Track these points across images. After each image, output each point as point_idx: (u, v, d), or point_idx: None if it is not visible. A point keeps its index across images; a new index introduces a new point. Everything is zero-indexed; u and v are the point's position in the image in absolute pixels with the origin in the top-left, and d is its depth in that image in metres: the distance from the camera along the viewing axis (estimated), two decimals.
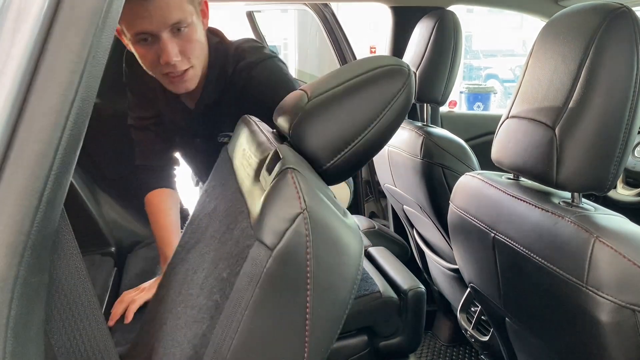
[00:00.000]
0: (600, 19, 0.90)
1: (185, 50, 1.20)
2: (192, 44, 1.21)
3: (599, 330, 0.83)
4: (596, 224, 0.86)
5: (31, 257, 0.46)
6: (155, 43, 1.16)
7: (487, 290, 1.20)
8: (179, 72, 1.21)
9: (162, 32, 1.14)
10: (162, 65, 1.19)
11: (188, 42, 1.19)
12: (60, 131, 0.46)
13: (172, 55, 1.16)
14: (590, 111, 0.88)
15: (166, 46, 1.15)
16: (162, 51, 1.16)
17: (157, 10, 1.12)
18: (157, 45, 1.16)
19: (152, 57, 1.19)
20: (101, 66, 0.50)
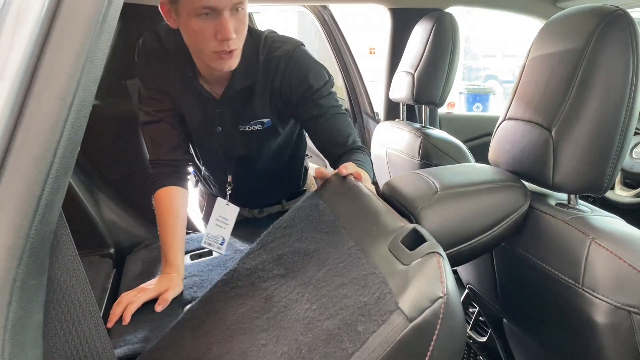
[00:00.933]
0: (597, 21, 0.90)
1: (238, 29, 1.25)
2: (244, 25, 1.27)
3: (595, 331, 0.83)
4: (592, 225, 0.86)
5: (29, 260, 0.46)
6: (215, 19, 1.20)
7: (484, 292, 1.21)
8: (230, 49, 1.25)
9: (225, 10, 1.19)
10: (216, 42, 1.23)
11: (241, 22, 1.25)
12: (59, 135, 0.46)
13: (230, 31, 1.21)
14: (587, 113, 0.89)
15: (227, 23, 1.20)
16: (222, 27, 1.21)
17: None
18: (217, 21, 1.20)
19: (209, 32, 1.22)
20: (99, 70, 0.51)
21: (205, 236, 1.60)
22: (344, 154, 1.40)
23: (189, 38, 1.29)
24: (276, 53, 1.38)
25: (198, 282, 1.45)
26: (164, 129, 1.49)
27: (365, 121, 2.46)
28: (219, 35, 1.22)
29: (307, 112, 1.41)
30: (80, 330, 0.56)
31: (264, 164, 1.62)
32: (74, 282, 0.56)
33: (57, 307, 0.55)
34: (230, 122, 1.47)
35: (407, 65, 1.81)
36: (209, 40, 1.24)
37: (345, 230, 0.94)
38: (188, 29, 1.26)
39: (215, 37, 1.23)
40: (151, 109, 1.47)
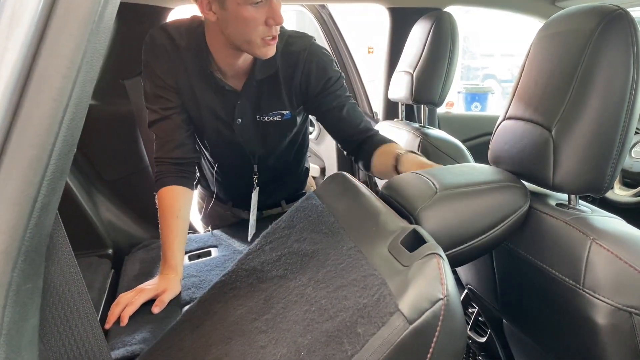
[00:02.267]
0: (597, 21, 0.90)
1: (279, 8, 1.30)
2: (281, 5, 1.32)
3: (596, 332, 0.83)
4: (593, 226, 0.86)
5: (25, 263, 0.46)
6: (265, 6, 1.25)
7: (484, 293, 1.20)
8: (277, 34, 1.31)
9: None
10: (266, 27, 1.28)
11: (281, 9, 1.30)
12: (54, 136, 0.46)
13: (281, 17, 1.28)
14: (587, 113, 0.88)
15: (278, 9, 1.27)
16: (274, 13, 1.26)
17: None
18: (268, 7, 1.25)
19: (260, 19, 1.26)
20: (95, 71, 0.50)
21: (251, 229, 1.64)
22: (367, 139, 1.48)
23: (237, 28, 1.30)
24: (294, 47, 1.43)
25: (197, 283, 1.44)
26: (170, 126, 1.48)
27: None
28: (270, 20, 1.27)
29: (327, 104, 1.48)
30: (76, 333, 0.56)
31: (277, 157, 1.65)
32: (70, 285, 0.56)
33: (53, 311, 0.54)
34: (249, 114, 1.49)
35: (406, 64, 1.81)
36: (259, 27, 1.28)
37: (345, 231, 0.94)
38: (238, 18, 1.27)
39: (266, 23, 1.27)
40: (158, 106, 1.47)
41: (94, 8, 0.47)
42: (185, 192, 1.50)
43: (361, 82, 2.47)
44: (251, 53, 1.35)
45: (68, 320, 0.55)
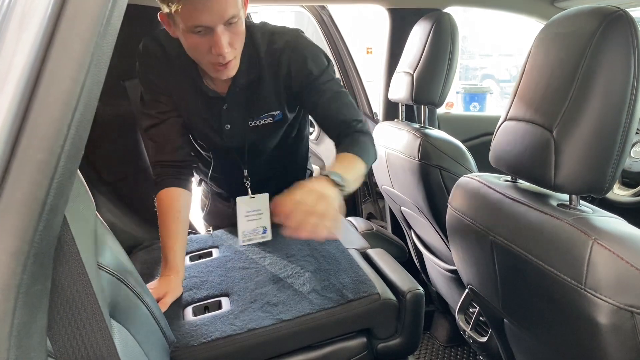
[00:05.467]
0: (597, 22, 0.90)
1: (233, 41, 1.28)
2: (239, 36, 1.30)
3: (598, 332, 0.83)
4: (594, 226, 0.86)
5: (34, 265, 0.46)
6: (208, 34, 1.24)
7: (485, 292, 1.21)
8: (225, 61, 1.29)
9: (218, 26, 1.22)
10: (212, 55, 1.27)
11: (236, 34, 1.28)
12: (63, 139, 0.46)
13: (224, 47, 1.25)
14: (588, 114, 0.89)
15: (220, 39, 1.24)
16: (215, 43, 1.24)
17: (216, 6, 1.20)
18: (210, 36, 1.24)
19: (204, 47, 1.27)
20: (103, 73, 0.50)
21: (242, 235, 1.61)
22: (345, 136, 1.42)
23: (187, 49, 1.32)
24: (277, 45, 1.42)
25: (198, 284, 1.45)
26: (167, 130, 1.49)
27: None
28: (213, 50, 1.26)
29: (310, 99, 1.45)
30: (85, 334, 0.56)
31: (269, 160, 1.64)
32: (79, 287, 0.56)
33: (61, 312, 0.54)
34: (238, 119, 1.49)
35: (406, 65, 1.81)
36: (205, 54, 1.28)
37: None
38: (185, 42, 1.30)
39: (211, 52, 1.27)
40: (155, 111, 1.48)
41: (102, 11, 0.47)
42: (184, 194, 1.50)
43: (361, 82, 2.48)
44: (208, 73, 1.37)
45: (76, 321, 0.55)
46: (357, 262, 1.49)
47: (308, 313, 1.28)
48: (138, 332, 1.00)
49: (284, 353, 1.28)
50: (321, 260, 1.51)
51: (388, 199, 2.11)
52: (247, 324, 1.25)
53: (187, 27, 1.23)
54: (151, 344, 1.08)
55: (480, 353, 1.52)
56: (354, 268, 1.45)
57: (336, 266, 1.46)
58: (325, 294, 1.34)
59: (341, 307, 1.31)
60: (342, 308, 1.31)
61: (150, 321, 1.13)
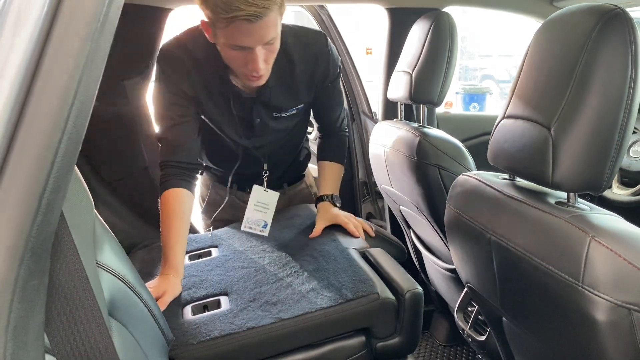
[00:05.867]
0: (595, 20, 0.90)
1: (268, 58, 1.39)
2: (274, 53, 1.40)
3: (595, 329, 0.83)
4: (592, 223, 0.86)
5: (31, 260, 0.46)
6: (246, 52, 1.33)
7: (484, 291, 1.21)
8: (258, 75, 1.40)
9: (256, 46, 1.31)
10: (247, 69, 1.37)
11: (272, 52, 1.38)
12: (60, 134, 0.46)
13: (260, 65, 1.35)
14: (586, 111, 0.89)
15: (257, 58, 1.33)
16: (252, 61, 1.34)
17: (259, 31, 1.28)
18: (248, 53, 1.33)
19: (241, 61, 1.36)
20: (100, 70, 0.51)
21: (245, 220, 1.71)
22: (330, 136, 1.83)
23: (225, 59, 1.41)
24: (314, 48, 1.57)
25: (197, 283, 1.45)
26: (183, 132, 1.55)
27: (363, 121, 2.46)
28: (249, 65, 1.35)
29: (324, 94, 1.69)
30: (82, 330, 0.56)
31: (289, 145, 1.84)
32: (76, 283, 0.56)
33: (58, 308, 0.54)
34: (267, 113, 1.62)
35: (404, 64, 1.81)
36: (240, 67, 1.38)
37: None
38: (222, 51, 1.38)
39: (246, 66, 1.36)
40: (173, 113, 1.53)
41: (99, 7, 0.47)
42: (189, 196, 1.54)
43: (360, 83, 2.48)
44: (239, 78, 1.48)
45: (74, 317, 0.56)
46: (356, 261, 1.49)
47: (307, 312, 1.28)
48: (137, 331, 1.00)
49: (283, 352, 1.28)
50: (320, 260, 1.51)
51: (387, 198, 2.11)
52: (246, 322, 1.25)
53: (228, 43, 1.31)
54: (150, 342, 1.08)
55: (479, 352, 1.52)
56: (353, 267, 1.45)
57: (335, 266, 1.47)
58: (325, 293, 1.34)
59: (340, 307, 1.31)
60: (341, 307, 1.31)
61: (149, 320, 1.13)
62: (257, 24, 1.25)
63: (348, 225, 1.69)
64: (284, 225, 1.81)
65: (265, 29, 1.28)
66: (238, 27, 1.25)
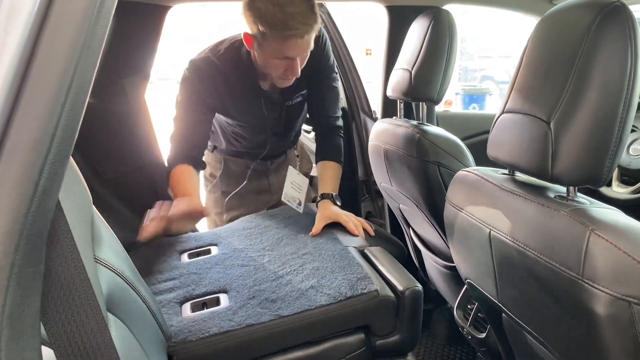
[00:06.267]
0: (594, 13, 0.90)
1: (302, 63, 1.63)
2: (306, 59, 1.64)
3: (595, 322, 0.83)
4: (591, 216, 0.86)
5: (27, 246, 0.46)
6: (289, 61, 1.58)
7: (483, 286, 1.20)
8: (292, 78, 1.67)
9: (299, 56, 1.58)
10: (284, 73, 1.62)
11: (305, 58, 1.63)
12: (56, 119, 0.46)
13: (297, 72, 1.63)
14: (585, 105, 0.89)
15: (296, 67, 1.60)
16: (292, 69, 1.60)
17: (304, 45, 1.55)
18: (289, 63, 1.59)
19: (281, 68, 1.61)
20: (96, 56, 0.50)
21: (284, 194, 1.93)
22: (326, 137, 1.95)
23: (264, 66, 1.64)
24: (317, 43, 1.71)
25: (196, 280, 1.44)
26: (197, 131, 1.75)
27: (362, 119, 2.46)
28: (288, 72, 1.61)
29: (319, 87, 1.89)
30: (78, 320, 0.56)
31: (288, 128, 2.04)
32: (73, 272, 0.56)
33: (55, 297, 0.54)
34: (282, 104, 1.88)
35: (404, 62, 1.81)
36: (280, 72, 1.62)
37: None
38: (264, 61, 1.61)
39: (285, 72, 1.61)
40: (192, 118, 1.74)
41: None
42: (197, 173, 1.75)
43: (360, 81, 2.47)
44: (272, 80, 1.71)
45: (70, 307, 0.55)
46: (355, 259, 1.49)
47: (306, 309, 1.28)
48: (135, 327, 1.00)
49: (283, 349, 1.27)
50: (320, 258, 1.51)
51: (386, 196, 2.11)
52: (245, 319, 1.25)
53: (275, 55, 1.55)
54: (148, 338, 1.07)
55: (479, 349, 1.52)
56: (353, 265, 1.45)
57: (335, 263, 1.46)
58: (324, 290, 1.34)
59: (340, 304, 1.30)
60: (341, 305, 1.30)
61: (148, 316, 1.13)
62: (304, 39, 1.52)
63: (348, 223, 1.73)
64: (284, 223, 1.80)
65: (308, 43, 1.56)
66: (291, 42, 1.51)
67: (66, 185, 0.81)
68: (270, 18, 1.46)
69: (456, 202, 1.22)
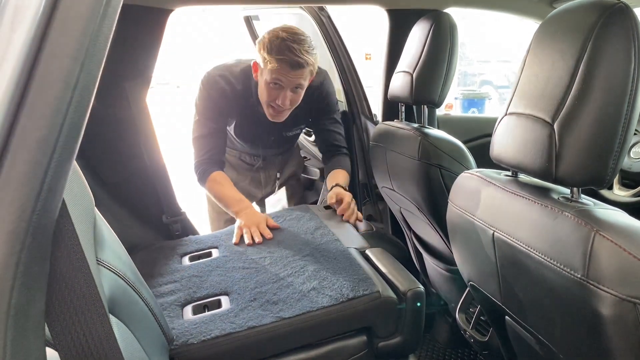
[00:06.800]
0: (598, 14, 0.90)
1: (293, 101, 1.89)
2: (298, 98, 1.91)
3: (600, 323, 0.83)
4: (596, 217, 0.86)
5: (32, 245, 0.46)
6: (279, 89, 1.83)
7: (487, 288, 1.20)
8: (282, 110, 1.90)
9: (287, 88, 1.83)
10: (274, 102, 1.86)
11: (297, 97, 1.90)
12: (62, 118, 0.46)
13: (286, 104, 1.86)
14: (589, 106, 0.88)
15: (285, 97, 1.84)
16: (282, 99, 1.84)
17: (294, 76, 1.80)
18: (280, 92, 1.84)
19: (273, 95, 1.85)
20: (102, 54, 0.50)
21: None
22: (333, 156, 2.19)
23: (260, 92, 1.91)
24: (315, 82, 2.02)
25: (198, 283, 1.44)
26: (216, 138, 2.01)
27: (363, 122, 2.46)
28: (278, 101, 1.85)
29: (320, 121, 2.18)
30: (83, 321, 0.55)
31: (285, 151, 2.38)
32: (77, 272, 0.55)
33: (59, 297, 0.54)
34: (279, 131, 2.18)
35: (405, 65, 1.81)
36: (270, 100, 1.87)
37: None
38: (261, 86, 1.87)
39: (275, 101, 1.85)
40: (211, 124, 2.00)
41: None
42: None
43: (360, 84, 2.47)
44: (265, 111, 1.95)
45: (75, 307, 0.55)
46: (357, 260, 1.49)
47: (308, 311, 1.27)
48: (137, 329, 1.00)
49: (284, 351, 1.27)
50: (321, 260, 1.50)
51: (388, 200, 2.11)
52: (246, 322, 1.24)
53: (270, 79, 1.80)
54: (150, 341, 1.07)
55: (482, 353, 1.51)
56: (354, 266, 1.44)
57: (336, 265, 1.46)
58: (326, 292, 1.34)
59: (341, 305, 1.30)
60: (342, 306, 1.30)
61: (150, 318, 1.12)
62: (294, 71, 1.78)
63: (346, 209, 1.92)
64: (285, 225, 1.80)
65: (299, 77, 1.81)
66: (283, 68, 1.76)
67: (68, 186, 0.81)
68: (271, 45, 1.77)
69: (459, 204, 1.22)
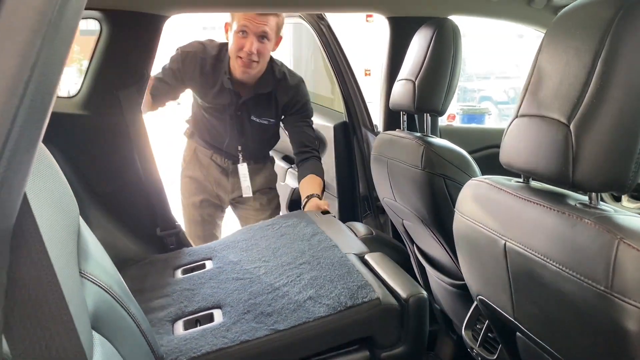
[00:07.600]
0: (615, 9, 0.85)
1: (260, 52, 2.05)
2: (265, 52, 2.08)
3: (626, 340, 0.76)
4: (619, 224, 0.79)
5: None
6: (246, 37, 2.02)
7: (497, 302, 1.13)
8: (249, 60, 2.04)
9: (251, 34, 2.01)
10: (242, 51, 2.03)
11: (263, 48, 2.06)
12: (18, 99, 0.39)
13: (252, 50, 2.02)
14: (608, 105, 0.83)
15: (252, 44, 2.02)
16: (248, 44, 2.02)
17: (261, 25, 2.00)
18: (247, 39, 2.02)
19: (240, 43, 2.03)
20: (72, 30, 0.44)
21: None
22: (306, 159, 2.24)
23: (230, 46, 2.08)
24: (290, 82, 2.22)
25: (189, 297, 1.38)
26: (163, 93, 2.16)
27: (364, 134, 2.41)
28: (245, 48, 2.02)
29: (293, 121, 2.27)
30: (48, 335, 0.48)
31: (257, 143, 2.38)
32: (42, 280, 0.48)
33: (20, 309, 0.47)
34: (246, 113, 2.25)
35: (407, 73, 1.76)
36: (238, 50, 2.04)
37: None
38: (231, 39, 2.06)
39: (242, 49, 2.02)
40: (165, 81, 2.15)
41: None
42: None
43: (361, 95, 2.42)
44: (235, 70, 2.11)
45: (39, 320, 0.48)
46: (355, 267, 1.42)
47: (304, 322, 1.21)
48: (123, 346, 0.93)
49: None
50: (318, 267, 1.44)
51: (390, 212, 2.04)
52: (239, 335, 1.17)
53: (238, 28, 2.00)
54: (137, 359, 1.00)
55: None
56: (353, 273, 1.37)
57: (334, 272, 1.39)
58: (323, 301, 1.27)
59: (339, 315, 1.23)
60: (341, 315, 1.23)
61: (137, 335, 1.05)
62: (260, 17, 1.98)
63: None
64: (280, 233, 1.74)
65: (264, 24, 2.00)
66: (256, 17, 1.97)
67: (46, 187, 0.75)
68: None
69: (467, 213, 1.15)
